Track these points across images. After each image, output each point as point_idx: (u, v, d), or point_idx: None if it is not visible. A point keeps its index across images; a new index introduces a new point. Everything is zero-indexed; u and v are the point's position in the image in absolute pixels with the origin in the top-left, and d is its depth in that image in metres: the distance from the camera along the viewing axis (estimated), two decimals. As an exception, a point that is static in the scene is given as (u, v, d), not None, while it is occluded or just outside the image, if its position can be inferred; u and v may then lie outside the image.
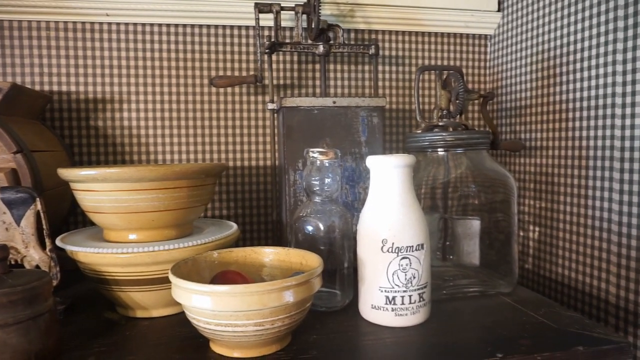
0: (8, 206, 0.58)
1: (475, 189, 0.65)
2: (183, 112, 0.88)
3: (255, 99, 0.90)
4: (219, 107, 0.89)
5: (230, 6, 0.83)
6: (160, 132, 0.87)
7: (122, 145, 0.86)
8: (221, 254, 0.57)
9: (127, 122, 0.86)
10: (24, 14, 0.81)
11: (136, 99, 0.86)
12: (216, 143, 0.89)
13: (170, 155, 0.88)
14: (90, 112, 0.85)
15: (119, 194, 0.53)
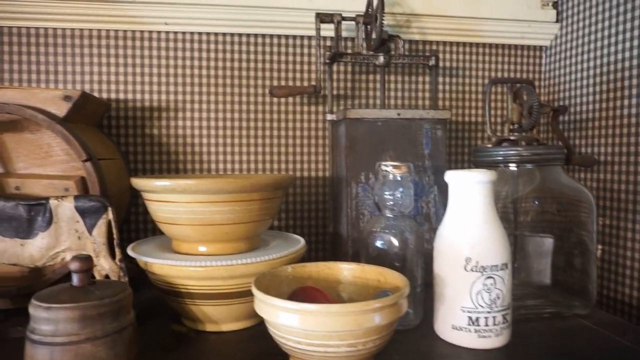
0: (81, 215, 0.57)
1: (549, 205, 0.63)
2: (237, 122, 0.87)
3: (310, 109, 0.89)
4: (273, 116, 0.88)
5: (290, 16, 0.82)
6: (214, 141, 0.87)
7: (176, 154, 0.86)
8: (295, 269, 0.55)
9: (182, 130, 0.86)
10: (85, 22, 0.81)
11: (191, 108, 0.86)
12: (269, 153, 0.88)
13: (224, 165, 0.87)
14: (146, 120, 0.85)
15: (195, 206, 0.53)
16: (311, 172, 0.90)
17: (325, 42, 0.86)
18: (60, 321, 0.42)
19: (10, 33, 0.80)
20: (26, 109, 0.61)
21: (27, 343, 0.43)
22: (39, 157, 0.63)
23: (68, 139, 0.62)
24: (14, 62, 0.81)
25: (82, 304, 0.42)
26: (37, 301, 0.43)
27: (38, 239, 0.57)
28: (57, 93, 0.64)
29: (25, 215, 0.56)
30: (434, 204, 0.73)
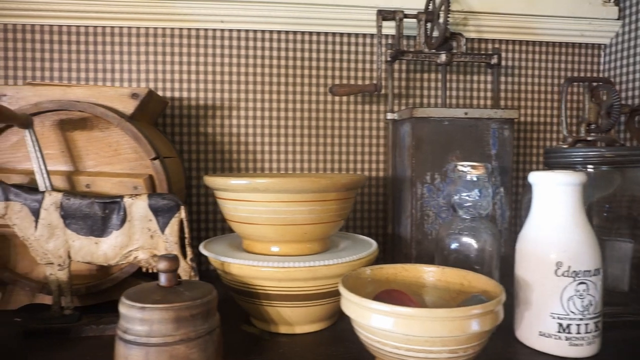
0: (154, 213, 0.57)
1: (628, 208, 0.61)
2: (291, 120, 0.86)
3: (364, 108, 0.87)
4: (327, 115, 0.87)
5: (350, 13, 0.81)
6: (268, 140, 0.86)
7: (230, 153, 0.85)
8: (373, 271, 0.54)
9: (236, 129, 0.85)
10: (142, 21, 0.81)
11: (245, 106, 0.85)
12: (322, 152, 0.87)
13: (277, 164, 0.86)
14: (201, 118, 0.84)
15: (276, 205, 0.52)
16: (368, 172, 0.88)
17: (387, 40, 0.84)
18: (155, 322, 0.41)
19: (69, 32, 0.80)
20: (97, 107, 0.61)
21: (119, 342, 0.43)
22: (108, 155, 0.63)
23: (137, 137, 0.62)
24: (72, 60, 0.81)
25: (176, 304, 0.42)
26: (130, 301, 0.42)
27: (112, 237, 0.56)
28: (124, 91, 0.64)
29: (100, 213, 0.56)
30: (500, 205, 0.72)
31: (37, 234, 0.55)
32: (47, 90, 0.62)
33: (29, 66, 0.80)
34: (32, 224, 0.55)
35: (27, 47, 0.80)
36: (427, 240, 0.71)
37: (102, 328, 0.56)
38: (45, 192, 0.56)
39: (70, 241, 0.56)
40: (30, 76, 0.80)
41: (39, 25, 0.80)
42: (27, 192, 0.55)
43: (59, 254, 0.56)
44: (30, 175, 0.61)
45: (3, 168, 0.61)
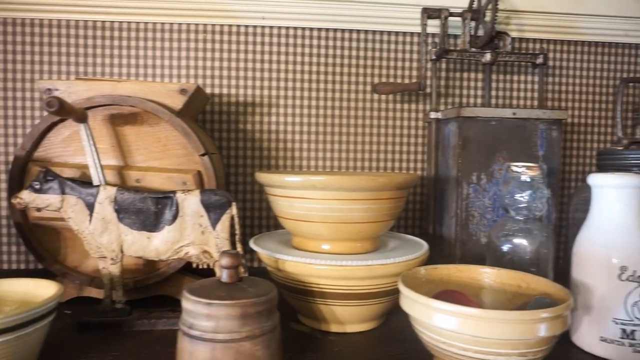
0: (206, 209, 0.57)
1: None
2: (330, 118, 0.86)
3: (403, 107, 0.87)
4: (366, 113, 0.86)
5: (393, 11, 0.81)
6: (307, 137, 0.86)
7: (268, 150, 0.85)
8: (428, 271, 0.53)
9: (275, 126, 0.85)
10: (183, 17, 0.81)
11: (284, 104, 0.85)
12: (360, 151, 0.87)
13: (315, 162, 0.86)
14: (240, 115, 0.84)
15: (333, 203, 0.51)
16: (406, 171, 0.88)
17: (431, 39, 0.83)
18: (222, 318, 0.41)
19: (112, 27, 0.81)
20: (148, 102, 0.61)
21: (183, 338, 0.42)
22: (157, 150, 0.63)
23: (187, 132, 0.62)
24: (114, 56, 0.81)
25: (242, 301, 0.42)
26: (195, 296, 0.42)
27: (164, 232, 0.56)
28: (173, 86, 0.64)
29: (153, 208, 0.56)
30: (546, 207, 0.70)
31: (91, 228, 0.56)
32: (98, 85, 0.63)
33: (80, 62, 0.81)
34: (86, 218, 0.56)
35: (78, 42, 0.80)
36: (471, 241, 0.70)
37: (153, 322, 0.56)
38: (100, 186, 0.56)
39: (123, 235, 0.56)
40: (82, 72, 0.81)
41: (83, 21, 0.80)
42: (82, 186, 0.56)
43: (112, 248, 0.56)
44: (82, 169, 0.61)
45: (55, 162, 0.62)
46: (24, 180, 0.61)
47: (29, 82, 0.80)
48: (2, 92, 0.80)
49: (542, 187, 0.57)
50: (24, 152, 0.60)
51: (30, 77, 0.80)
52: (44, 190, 0.55)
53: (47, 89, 0.62)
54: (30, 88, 0.80)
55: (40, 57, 0.80)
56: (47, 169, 0.55)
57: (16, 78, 0.80)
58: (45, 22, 0.80)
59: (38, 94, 0.80)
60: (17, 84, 0.80)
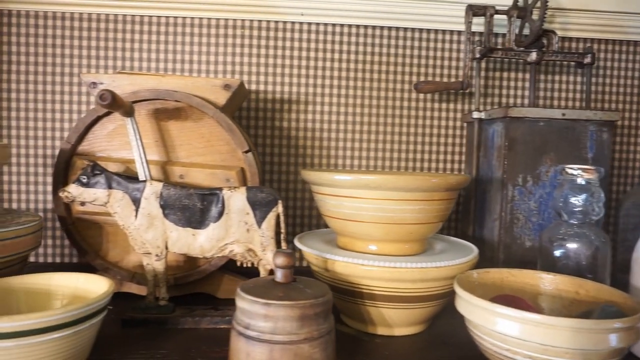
0: (252, 207, 0.56)
1: None
2: (366, 117, 0.84)
3: (442, 106, 0.85)
4: (404, 112, 0.85)
5: (436, 9, 0.79)
6: (342, 136, 0.84)
7: (304, 148, 0.84)
8: (480, 275, 0.52)
9: (312, 124, 0.84)
10: (220, 12, 0.81)
11: (321, 101, 0.84)
12: (396, 150, 0.85)
13: (350, 160, 0.85)
14: (276, 112, 0.84)
15: (386, 203, 0.50)
16: (442, 171, 0.86)
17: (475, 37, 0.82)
18: (280, 319, 0.40)
19: (150, 22, 0.80)
20: (193, 97, 0.61)
21: (238, 337, 0.42)
22: (200, 146, 0.62)
23: (232, 129, 0.61)
24: (151, 50, 0.81)
25: (301, 302, 0.41)
26: (252, 296, 0.41)
27: (209, 229, 0.56)
28: (217, 82, 0.63)
29: (199, 205, 0.55)
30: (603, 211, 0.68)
31: (137, 223, 0.55)
32: (142, 79, 0.62)
33: (118, 56, 0.80)
34: (132, 213, 0.55)
35: (117, 37, 0.80)
36: (515, 244, 0.68)
37: (197, 321, 0.55)
38: (147, 181, 0.55)
39: (168, 232, 0.56)
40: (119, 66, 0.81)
41: (122, 15, 0.80)
42: (128, 180, 0.55)
43: (157, 244, 0.56)
44: (126, 163, 0.61)
45: (99, 156, 0.61)
46: (68, 174, 0.61)
47: (70, 75, 0.80)
48: (50, 86, 0.80)
49: (599, 190, 0.55)
50: (69, 146, 0.60)
51: (70, 70, 0.80)
52: (91, 185, 0.54)
53: (91, 83, 0.62)
54: (69, 82, 0.80)
55: (79, 52, 0.80)
56: (94, 163, 0.55)
57: (62, 72, 0.80)
58: (84, 16, 0.79)
59: (77, 88, 0.80)
60: (63, 78, 0.80)
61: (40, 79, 0.80)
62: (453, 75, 0.83)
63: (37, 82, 0.80)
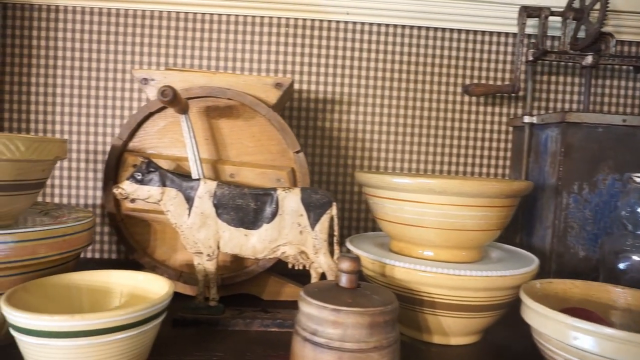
0: (306, 208, 0.54)
1: None
2: (410, 119, 0.83)
3: (487, 109, 0.83)
4: (448, 115, 0.83)
5: (488, 10, 0.77)
6: (385, 137, 0.83)
7: (345, 149, 0.83)
8: (543, 285, 0.50)
9: (354, 125, 0.83)
10: (265, 10, 0.80)
11: (364, 102, 0.83)
12: (439, 153, 0.84)
13: (392, 163, 0.83)
14: (319, 112, 0.82)
15: (449, 209, 0.48)
16: (486, 175, 0.84)
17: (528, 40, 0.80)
18: (349, 326, 0.39)
19: (194, 19, 0.80)
20: (246, 95, 0.60)
21: (304, 344, 0.40)
22: (250, 145, 0.61)
23: (284, 128, 0.60)
24: (195, 47, 0.80)
25: (371, 309, 0.39)
26: (320, 301, 0.40)
27: (262, 230, 0.55)
28: (268, 80, 0.62)
29: (253, 205, 0.54)
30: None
31: (190, 222, 0.54)
32: (193, 76, 0.61)
33: (162, 52, 0.80)
34: (185, 212, 0.54)
35: (161, 33, 0.80)
36: (568, 253, 0.66)
37: (248, 323, 0.54)
38: (201, 180, 0.54)
39: (220, 231, 0.55)
40: (165, 62, 0.80)
41: (166, 12, 0.80)
42: (182, 179, 0.54)
43: (209, 244, 0.55)
44: (177, 161, 0.60)
45: (149, 153, 0.61)
46: (119, 170, 0.60)
47: (123, 72, 0.80)
48: (103, 82, 0.80)
49: (669, 200, 0.53)
50: (120, 142, 0.60)
51: (122, 67, 0.80)
52: (145, 182, 0.54)
53: (143, 79, 0.61)
54: (121, 78, 0.80)
55: (132, 48, 0.80)
56: (149, 160, 0.54)
57: (115, 68, 0.80)
58: (138, 12, 0.79)
59: (129, 85, 0.80)
60: (115, 74, 0.80)
61: (94, 75, 0.80)
62: (501, 78, 0.81)
63: (90, 78, 0.80)
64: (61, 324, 0.35)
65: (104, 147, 0.80)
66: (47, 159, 0.47)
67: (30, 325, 0.35)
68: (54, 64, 0.80)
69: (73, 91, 0.80)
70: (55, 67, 0.80)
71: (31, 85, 0.80)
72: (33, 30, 0.79)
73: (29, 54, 0.79)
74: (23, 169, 0.45)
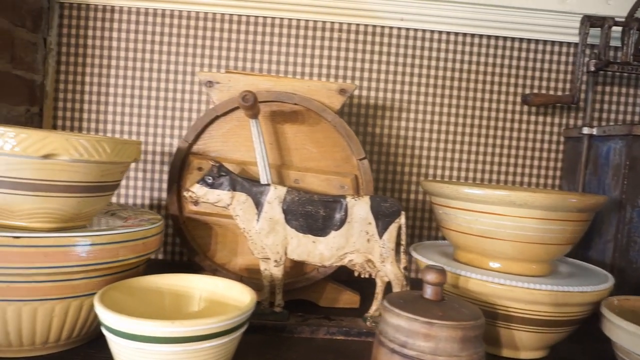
0: (375, 216, 0.54)
1: None
2: (460, 127, 0.82)
3: (539, 119, 0.82)
4: (499, 124, 0.82)
5: (546, 19, 0.76)
6: (435, 145, 0.82)
7: (395, 156, 0.82)
8: (620, 302, 0.50)
9: (404, 132, 0.82)
10: (319, 14, 0.80)
11: (415, 109, 0.82)
12: (488, 162, 0.83)
13: (442, 171, 0.83)
14: (369, 118, 0.82)
15: (531, 222, 0.48)
16: (536, 186, 0.83)
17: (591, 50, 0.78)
18: (442, 339, 0.38)
19: (247, 22, 0.80)
20: (313, 100, 0.60)
21: (392, 356, 0.40)
22: (314, 151, 0.61)
23: (350, 135, 0.60)
24: (248, 50, 0.81)
25: (463, 322, 0.39)
26: (409, 313, 0.39)
27: (330, 237, 0.54)
28: (332, 86, 0.62)
29: (322, 212, 0.54)
30: None
31: (258, 227, 0.54)
32: (258, 79, 0.61)
33: (223, 55, 0.80)
34: (254, 217, 0.54)
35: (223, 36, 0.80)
36: (630, 268, 0.65)
37: (314, 330, 0.54)
38: (271, 185, 0.54)
39: (288, 237, 0.54)
40: (223, 65, 0.81)
41: (220, 15, 0.80)
42: (252, 184, 0.54)
43: (277, 249, 0.55)
44: (241, 165, 0.60)
45: (213, 156, 0.61)
46: (183, 173, 0.60)
47: (183, 74, 0.80)
48: (156, 82, 0.80)
49: None
50: (186, 145, 0.60)
51: (183, 69, 0.80)
52: (215, 186, 0.54)
53: (208, 81, 0.61)
54: (182, 80, 0.80)
55: (194, 50, 0.80)
56: (220, 164, 0.54)
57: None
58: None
59: (172, 85, 0.80)
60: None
61: (146, 76, 0.80)
62: (561, 89, 0.80)
63: (143, 79, 0.80)
64: (162, 329, 0.35)
65: (154, 148, 0.81)
66: (127, 161, 0.47)
67: (130, 329, 0.35)
68: (108, 64, 0.80)
69: (126, 91, 0.80)
70: (109, 67, 0.80)
71: (85, 85, 0.80)
72: (89, 30, 0.80)
73: (84, 54, 0.80)
74: (107, 170, 0.46)
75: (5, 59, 0.70)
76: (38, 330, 0.42)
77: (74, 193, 0.44)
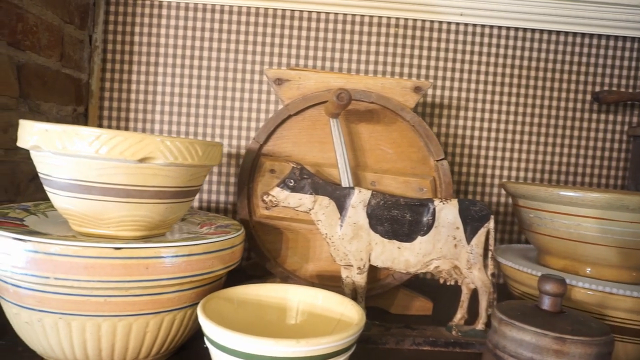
0: (463, 221, 0.51)
1: None
2: (519, 125, 0.79)
3: (601, 117, 0.80)
4: (559, 122, 0.80)
5: (622, 14, 0.73)
6: (493, 144, 0.80)
7: (453, 156, 0.80)
8: None
9: (462, 131, 0.79)
10: (376, 9, 0.77)
11: (474, 107, 0.79)
12: (549, 162, 0.80)
13: (500, 171, 0.80)
14: (426, 116, 0.79)
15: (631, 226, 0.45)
16: (596, 186, 0.81)
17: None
18: (576, 356, 0.36)
19: (301, 17, 0.77)
20: (391, 99, 0.57)
21: (515, 374, 0.38)
22: (390, 152, 0.58)
23: (429, 135, 0.57)
24: (292, 46, 0.78)
25: (597, 338, 0.36)
26: (536, 327, 0.37)
27: (416, 243, 0.52)
28: (407, 83, 0.59)
29: (408, 216, 0.51)
30: None
31: (341, 233, 0.51)
32: (329, 77, 0.58)
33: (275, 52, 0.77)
34: (337, 222, 0.51)
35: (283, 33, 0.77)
36: None
37: (399, 341, 0.51)
38: (355, 188, 0.52)
39: (373, 243, 0.52)
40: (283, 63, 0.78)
41: (272, 9, 0.77)
42: (334, 187, 0.51)
43: (361, 256, 0.52)
44: (315, 167, 0.57)
45: (282, 157, 0.58)
46: (254, 174, 0.58)
47: (250, 72, 0.77)
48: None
49: None
50: (257, 145, 0.57)
51: (225, 65, 0.77)
52: (297, 189, 0.51)
53: (277, 79, 0.58)
54: (250, 79, 0.77)
55: (244, 47, 0.77)
56: (301, 166, 0.51)
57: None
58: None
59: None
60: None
61: (195, 74, 0.77)
62: (632, 86, 0.77)
63: (192, 77, 0.77)
64: (286, 349, 0.32)
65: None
66: (213, 164, 0.45)
67: (247, 348, 0.32)
68: (156, 61, 0.77)
69: (174, 90, 0.77)
70: (157, 64, 0.77)
71: (131, 84, 0.77)
72: (135, 27, 0.77)
73: (130, 51, 0.77)
74: (195, 174, 0.43)
75: (56, 57, 0.67)
76: (130, 347, 0.39)
77: (163, 199, 0.41)
